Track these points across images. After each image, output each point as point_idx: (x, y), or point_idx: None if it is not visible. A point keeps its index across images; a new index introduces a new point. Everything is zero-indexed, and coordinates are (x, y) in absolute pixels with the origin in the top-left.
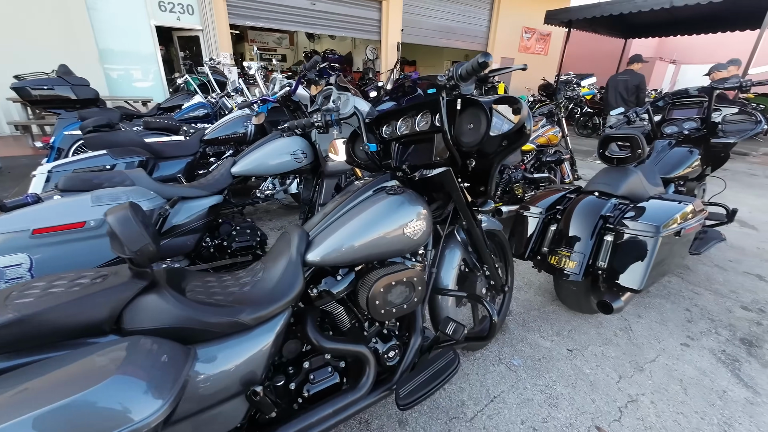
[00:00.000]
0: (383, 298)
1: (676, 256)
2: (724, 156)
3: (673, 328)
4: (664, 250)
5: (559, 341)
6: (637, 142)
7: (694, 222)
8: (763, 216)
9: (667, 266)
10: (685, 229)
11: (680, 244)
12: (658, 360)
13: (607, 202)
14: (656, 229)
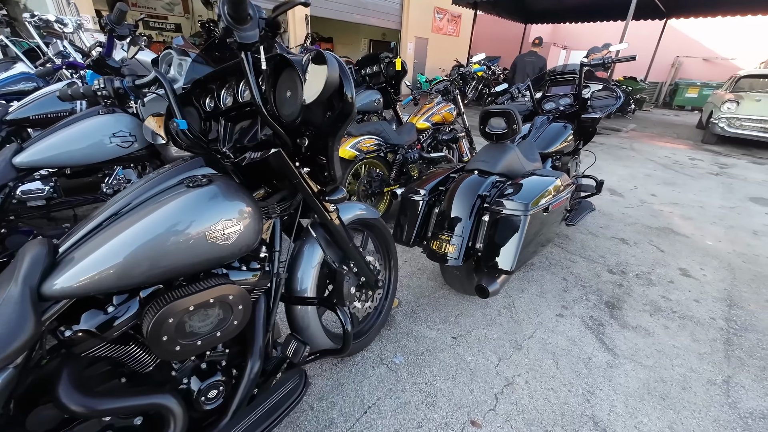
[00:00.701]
0: (175, 330)
1: (548, 232)
2: (593, 131)
3: (550, 299)
4: (534, 228)
5: (444, 329)
6: (512, 118)
7: (563, 196)
8: (628, 184)
9: (539, 243)
10: (553, 205)
11: (550, 219)
12: (536, 335)
13: (485, 180)
14: (525, 207)
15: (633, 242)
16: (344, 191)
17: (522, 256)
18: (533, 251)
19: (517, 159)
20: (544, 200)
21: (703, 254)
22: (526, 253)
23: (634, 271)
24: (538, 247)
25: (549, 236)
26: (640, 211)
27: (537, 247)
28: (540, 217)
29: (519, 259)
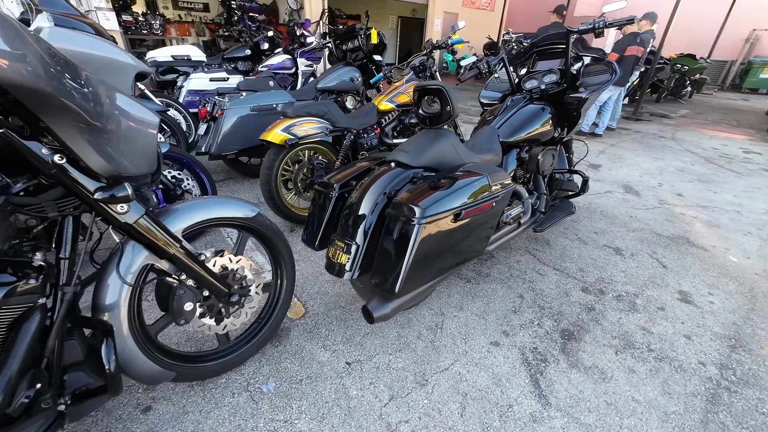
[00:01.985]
0: None
1: (465, 245)
2: (576, 115)
3: (492, 321)
4: (436, 240)
5: (342, 351)
6: (445, 97)
7: (490, 199)
8: (652, 180)
9: (449, 259)
10: (468, 211)
11: (467, 228)
12: (453, 368)
13: (401, 174)
14: (421, 212)
15: (630, 253)
16: (127, 189)
17: (413, 276)
18: (438, 269)
19: (453, 149)
20: (453, 204)
21: (720, 274)
22: (420, 271)
23: (617, 292)
24: (450, 263)
25: (467, 251)
26: (653, 215)
27: (446, 264)
28: (445, 225)
29: (406, 279)
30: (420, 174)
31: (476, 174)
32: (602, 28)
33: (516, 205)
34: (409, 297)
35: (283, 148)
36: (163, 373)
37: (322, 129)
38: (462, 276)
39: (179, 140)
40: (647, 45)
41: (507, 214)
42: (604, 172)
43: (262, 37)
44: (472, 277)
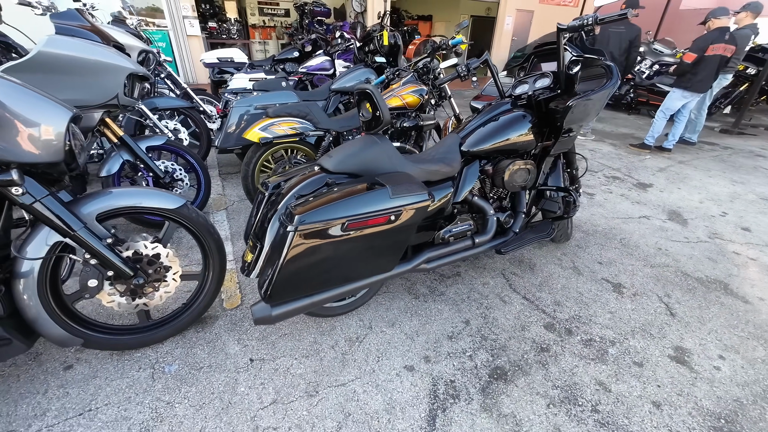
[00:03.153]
0: None
1: (353, 260)
2: (560, 126)
3: (419, 343)
4: (311, 252)
5: (253, 347)
6: (373, 102)
7: (379, 214)
8: (714, 208)
9: (334, 273)
10: (352, 223)
11: (357, 243)
12: (350, 385)
13: (320, 180)
14: (295, 219)
15: (632, 293)
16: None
17: (290, 284)
18: (325, 280)
19: (385, 157)
20: (335, 215)
21: (751, 335)
22: (301, 280)
23: (589, 335)
24: (344, 277)
25: (366, 266)
26: (692, 250)
27: (337, 277)
28: (330, 236)
29: (278, 285)
30: (334, 181)
31: (379, 185)
32: (591, 25)
33: (462, 222)
34: (300, 305)
35: (260, 146)
36: (69, 338)
37: (303, 129)
38: (412, 291)
39: (201, 136)
40: (743, 43)
41: (446, 230)
42: (651, 194)
43: (307, 40)
44: (424, 293)
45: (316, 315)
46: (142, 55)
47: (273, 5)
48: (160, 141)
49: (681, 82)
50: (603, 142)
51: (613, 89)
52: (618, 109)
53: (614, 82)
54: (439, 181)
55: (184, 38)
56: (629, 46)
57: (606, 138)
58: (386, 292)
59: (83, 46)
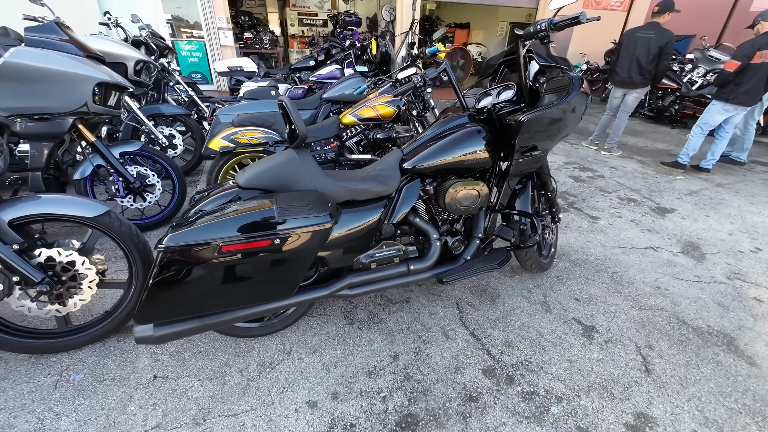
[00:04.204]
0: None
1: (237, 284)
2: (513, 144)
3: (334, 376)
4: (185, 273)
5: (162, 363)
6: (287, 115)
7: (259, 238)
8: (745, 242)
9: (217, 298)
10: (226, 246)
11: (238, 266)
12: (242, 416)
13: (230, 194)
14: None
15: (605, 339)
16: None
17: (162, 305)
18: (206, 304)
19: (302, 173)
20: (206, 236)
21: (741, 407)
22: (174, 302)
23: (534, 387)
24: (231, 302)
25: (256, 292)
26: (701, 292)
27: (220, 302)
28: (206, 257)
29: (146, 306)
30: (238, 196)
31: (264, 205)
32: (545, 31)
33: (389, 247)
34: (186, 327)
35: (223, 154)
36: None
37: (266, 139)
38: (350, 315)
39: (197, 142)
40: None
41: (368, 255)
42: (670, 221)
43: (320, 49)
44: (362, 319)
45: (233, 335)
46: (139, 65)
47: (312, 16)
48: (134, 147)
49: (722, 93)
50: (630, 159)
51: (581, 104)
52: (660, 122)
53: (574, 95)
54: (368, 201)
55: (218, 48)
56: (659, 53)
57: (636, 154)
58: (321, 314)
59: (49, 57)
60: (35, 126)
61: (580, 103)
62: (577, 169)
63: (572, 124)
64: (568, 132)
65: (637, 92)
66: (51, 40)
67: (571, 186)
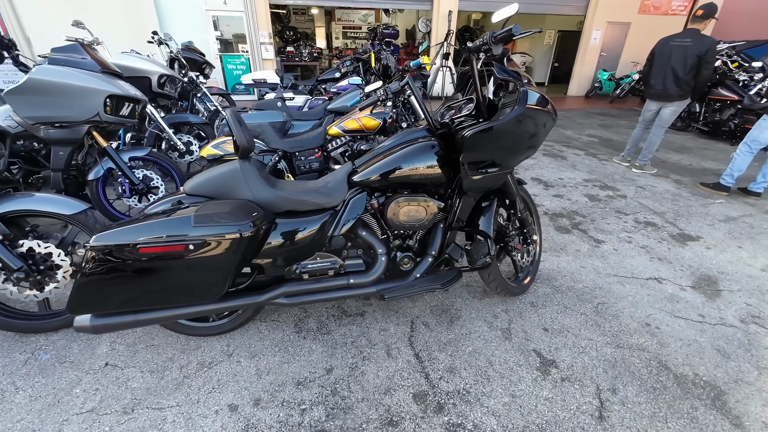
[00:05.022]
0: None
1: (159, 284)
2: (461, 161)
3: (263, 383)
4: (111, 271)
5: (118, 352)
6: (229, 127)
7: (174, 242)
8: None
9: (145, 296)
10: (143, 248)
11: (158, 268)
12: (166, 411)
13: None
14: (94, 238)
15: (562, 377)
16: None
17: (91, 298)
18: (128, 301)
19: (242, 182)
20: (127, 237)
21: None
22: (103, 296)
23: (462, 420)
24: (156, 300)
25: (181, 292)
26: (699, 335)
27: (141, 298)
28: (128, 257)
29: (75, 297)
30: (179, 202)
31: (185, 212)
32: (488, 44)
33: (323, 259)
34: (122, 321)
35: (212, 161)
36: None
37: None
38: (300, 323)
39: None
40: None
41: (302, 266)
42: (690, 250)
43: (343, 61)
44: (310, 329)
45: (181, 333)
46: (163, 78)
47: (356, 29)
48: (142, 152)
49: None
50: (664, 178)
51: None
52: (716, 137)
53: (517, 111)
54: (311, 212)
55: (260, 62)
56: (698, 63)
57: (674, 172)
58: (275, 320)
59: (65, 73)
60: (55, 132)
61: (540, 119)
62: (597, 187)
63: (532, 141)
64: (527, 149)
65: (674, 106)
66: (72, 58)
67: (583, 205)
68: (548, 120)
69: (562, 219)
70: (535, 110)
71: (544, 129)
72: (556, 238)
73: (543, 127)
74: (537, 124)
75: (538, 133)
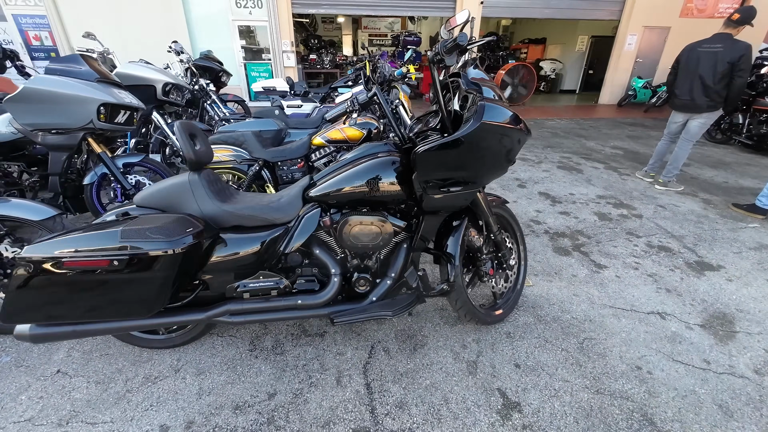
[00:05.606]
0: None
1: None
2: (416, 178)
3: (203, 404)
4: (35, 283)
5: (73, 360)
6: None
7: (97, 257)
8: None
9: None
10: (67, 263)
11: (84, 282)
12: (100, 426)
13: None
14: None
15: (523, 424)
16: None
17: (13, 306)
18: (61, 312)
19: (189, 195)
20: (54, 250)
21: None
22: (26, 305)
23: None
24: (80, 311)
25: (115, 306)
26: (700, 385)
27: (73, 310)
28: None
29: (4, 305)
30: (127, 213)
31: (113, 226)
32: (441, 55)
33: (267, 278)
34: (60, 331)
35: None
36: None
37: (235, 157)
38: (257, 341)
39: None
40: None
41: (242, 284)
42: (707, 281)
43: (355, 68)
44: (264, 347)
45: (132, 344)
46: (168, 87)
47: (382, 36)
48: (136, 158)
49: None
50: (692, 197)
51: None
52: (763, 152)
53: (471, 127)
54: (263, 227)
55: (282, 69)
56: (731, 70)
57: (705, 191)
58: (232, 335)
59: (59, 82)
60: (52, 138)
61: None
62: (611, 204)
63: (495, 159)
64: (494, 168)
65: (703, 118)
66: (69, 68)
67: (590, 225)
68: (514, 136)
69: (564, 239)
70: (495, 126)
71: (509, 146)
72: (552, 260)
73: (507, 144)
74: (500, 141)
75: (500, 151)
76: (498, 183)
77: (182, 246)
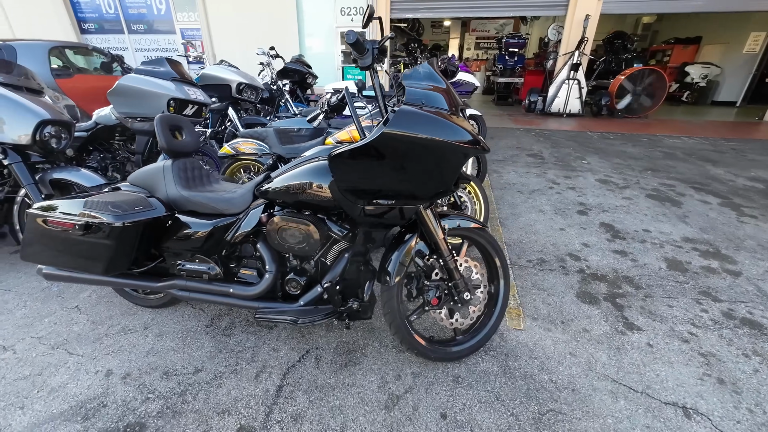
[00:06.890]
0: None
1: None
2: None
3: (123, 362)
4: (39, 233)
5: (89, 300)
6: None
7: (67, 219)
8: None
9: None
10: (52, 221)
11: (60, 237)
12: (59, 356)
13: None
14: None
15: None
16: None
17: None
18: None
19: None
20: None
21: None
22: (43, 251)
23: None
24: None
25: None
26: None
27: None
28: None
29: (25, 248)
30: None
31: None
32: (354, 56)
33: (203, 263)
34: (63, 274)
35: (229, 158)
36: None
37: (257, 150)
38: (218, 319)
39: None
40: None
41: (181, 263)
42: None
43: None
44: (222, 326)
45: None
46: (241, 86)
47: (490, 39)
48: None
49: None
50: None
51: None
52: None
53: (374, 134)
54: (213, 215)
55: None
56: None
57: None
58: (201, 309)
59: (140, 80)
60: (138, 124)
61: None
62: (698, 252)
63: (423, 174)
64: (426, 182)
65: None
66: (153, 69)
67: (649, 273)
68: (441, 149)
69: (599, 284)
70: (404, 136)
71: (437, 160)
72: (567, 306)
73: (433, 157)
74: (420, 153)
75: (426, 165)
76: (553, 206)
77: (127, 221)
